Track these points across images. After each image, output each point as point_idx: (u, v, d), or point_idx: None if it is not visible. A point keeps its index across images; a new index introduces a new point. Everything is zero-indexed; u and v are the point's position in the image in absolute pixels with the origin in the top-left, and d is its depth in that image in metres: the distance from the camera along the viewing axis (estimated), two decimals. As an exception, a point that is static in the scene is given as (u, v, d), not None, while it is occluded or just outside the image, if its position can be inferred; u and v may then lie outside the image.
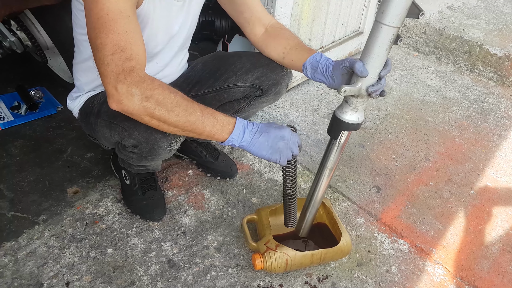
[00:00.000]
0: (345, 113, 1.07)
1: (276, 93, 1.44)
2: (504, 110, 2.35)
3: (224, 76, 1.40)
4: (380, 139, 2.02)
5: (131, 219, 1.50)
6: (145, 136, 1.14)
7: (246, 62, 1.39)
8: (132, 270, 1.34)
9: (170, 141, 1.18)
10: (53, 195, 1.55)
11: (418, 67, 2.72)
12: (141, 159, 1.27)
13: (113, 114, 1.16)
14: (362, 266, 1.42)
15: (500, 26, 2.87)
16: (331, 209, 1.43)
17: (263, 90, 1.40)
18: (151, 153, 1.21)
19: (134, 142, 1.18)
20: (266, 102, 1.48)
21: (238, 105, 1.46)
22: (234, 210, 1.58)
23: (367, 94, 1.01)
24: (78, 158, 1.73)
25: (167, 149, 1.20)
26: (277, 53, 1.32)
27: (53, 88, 2.09)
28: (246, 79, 1.38)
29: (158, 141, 1.16)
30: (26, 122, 1.88)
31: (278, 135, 1.09)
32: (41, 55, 1.91)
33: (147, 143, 1.17)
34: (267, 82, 1.38)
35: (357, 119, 1.07)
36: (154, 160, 1.28)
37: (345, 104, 1.07)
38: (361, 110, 1.07)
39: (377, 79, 1.00)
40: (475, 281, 1.40)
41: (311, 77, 1.21)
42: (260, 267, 1.28)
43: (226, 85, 1.40)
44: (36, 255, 1.35)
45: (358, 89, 1.01)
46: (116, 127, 1.18)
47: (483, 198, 1.74)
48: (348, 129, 1.09)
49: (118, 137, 1.20)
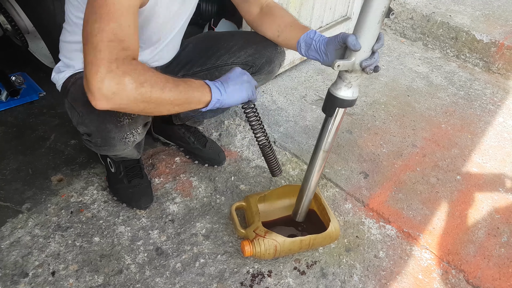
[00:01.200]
0: (339, 89, 1.06)
1: (269, 72, 1.43)
2: (489, 96, 2.36)
3: (216, 54, 1.38)
4: (368, 125, 2.03)
5: (118, 207, 1.47)
6: (96, 125, 1.08)
7: (239, 39, 1.38)
8: (120, 258, 1.32)
9: (124, 132, 1.10)
10: (36, 183, 1.52)
11: (405, 53, 2.72)
12: (99, 148, 1.20)
13: (75, 96, 1.12)
14: (350, 252, 1.43)
15: (486, 12, 2.88)
16: (319, 196, 1.43)
17: (256, 67, 1.38)
18: (104, 143, 1.14)
19: (86, 130, 1.13)
20: (259, 81, 1.46)
21: None
22: (223, 197, 1.57)
23: (361, 69, 1.01)
24: (61, 145, 1.69)
25: (122, 141, 1.12)
26: (272, 32, 1.30)
27: (35, 73, 2.03)
28: (239, 56, 1.37)
29: (110, 131, 1.09)
30: (7, 109, 1.83)
31: (238, 73, 1.10)
32: (21, 39, 1.85)
33: (98, 132, 1.11)
34: (260, 59, 1.37)
35: (351, 95, 1.06)
36: (112, 151, 1.20)
37: (339, 80, 1.06)
38: (355, 86, 1.06)
39: (370, 53, 0.99)
40: (462, 265, 1.42)
41: (305, 54, 1.19)
42: (249, 253, 1.27)
43: (219, 62, 1.38)
44: (20, 244, 1.32)
45: (351, 64, 1.00)
46: (74, 111, 1.13)
47: (469, 184, 1.76)
48: (342, 106, 1.08)
49: (75, 122, 1.16)
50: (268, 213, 1.45)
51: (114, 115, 1.06)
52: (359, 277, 1.36)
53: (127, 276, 1.27)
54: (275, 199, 1.48)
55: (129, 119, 1.08)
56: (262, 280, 1.31)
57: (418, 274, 1.38)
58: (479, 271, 1.41)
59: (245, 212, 1.44)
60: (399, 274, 1.38)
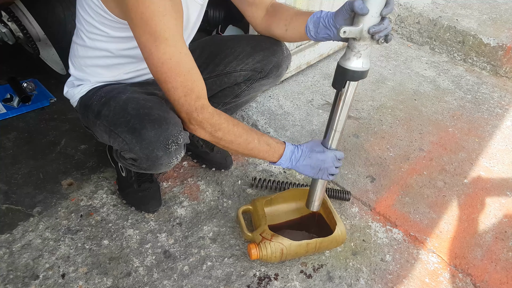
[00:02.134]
0: (348, 60, 1.01)
1: (277, 76, 1.46)
2: (497, 99, 2.36)
3: (225, 61, 1.41)
4: (374, 129, 2.03)
5: (126, 210, 1.50)
6: (147, 153, 1.09)
7: (246, 46, 1.40)
8: (128, 261, 1.34)
9: (171, 158, 1.12)
10: (47, 187, 1.55)
11: (412, 58, 2.72)
12: (140, 169, 1.22)
13: (114, 121, 1.13)
14: (357, 255, 1.44)
15: (493, 16, 2.88)
16: (326, 199, 1.44)
17: (264, 72, 1.41)
18: (150, 168, 1.17)
19: (134, 156, 1.14)
20: (267, 85, 1.50)
21: (238, 89, 1.47)
22: (230, 201, 1.58)
23: (370, 36, 0.97)
24: (72, 150, 1.72)
25: (168, 165, 1.15)
26: (279, 29, 1.30)
27: (46, 80, 2.07)
28: (247, 63, 1.39)
29: (159, 158, 1.10)
30: (19, 115, 1.87)
31: (320, 160, 1.21)
32: (33, 47, 1.89)
33: (147, 159, 1.12)
34: (268, 65, 1.40)
35: (361, 66, 1.01)
36: (153, 171, 1.23)
37: (348, 50, 1.02)
38: (365, 56, 1.01)
39: (379, 19, 0.96)
40: (469, 269, 1.42)
41: (315, 36, 1.17)
42: (255, 257, 1.28)
43: (228, 69, 1.41)
44: (31, 247, 1.34)
45: (359, 31, 0.96)
46: (117, 137, 1.13)
47: (476, 187, 1.75)
48: (353, 79, 1.03)
49: (117, 146, 1.17)
50: (274, 217, 1.46)
51: (164, 143, 1.07)
52: (365, 280, 1.36)
53: (136, 279, 1.29)
54: (282, 203, 1.49)
55: (176, 145, 1.09)
56: (268, 283, 1.32)
57: (425, 278, 1.38)
58: (486, 275, 1.41)
59: (252, 216, 1.46)
60: (405, 277, 1.38)
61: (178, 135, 1.08)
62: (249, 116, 2.00)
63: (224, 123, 1.11)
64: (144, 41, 0.98)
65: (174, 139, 1.08)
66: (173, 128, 1.07)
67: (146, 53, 1.00)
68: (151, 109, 1.10)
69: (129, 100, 1.15)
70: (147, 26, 0.95)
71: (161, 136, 1.06)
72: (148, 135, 1.06)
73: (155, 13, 0.93)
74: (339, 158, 1.23)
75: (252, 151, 1.18)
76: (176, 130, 1.08)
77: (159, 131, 1.06)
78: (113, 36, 1.12)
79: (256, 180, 1.61)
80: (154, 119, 1.07)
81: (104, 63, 1.21)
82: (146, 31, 0.96)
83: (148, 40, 0.97)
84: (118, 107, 1.14)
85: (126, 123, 1.10)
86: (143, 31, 0.96)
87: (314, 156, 1.21)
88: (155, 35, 0.95)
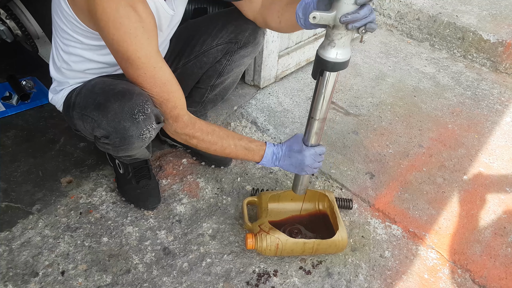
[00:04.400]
0: (322, 48, 0.96)
1: (256, 44, 1.45)
2: (497, 96, 2.35)
3: (200, 41, 1.41)
4: (374, 126, 2.03)
5: (126, 208, 1.50)
6: (114, 125, 1.09)
7: (218, 20, 1.41)
8: (128, 258, 1.34)
9: (140, 129, 1.11)
10: (46, 185, 1.55)
11: (411, 54, 2.71)
12: (117, 149, 1.21)
13: (84, 105, 1.16)
14: (356, 251, 1.44)
15: (493, 12, 2.87)
16: (334, 203, 1.43)
17: (241, 42, 1.41)
18: (122, 142, 1.15)
19: (104, 132, 1.13)
20: (247, 56, 1.48)
21: (220, 66, 1.47)
22: (229, 198, 1.58)
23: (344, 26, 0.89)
24: (71, 148, 1.72)
25: (139, 138, 1.13)
26: (274, 21, 1.27)
27: (45, 78, 2.07)
28: (221, 36, 1.39)
29: (128, 129, 1.10)
30: (18, 113, 1.87)
31: (299, 160, 1.24)
32: (31, 44, 1.89)
33: (116, 132, 1.11)
34: (243, 33, 1.39)
35: (334, 56, 0.94)
36: (129, 150, 1.21)
37: (325, 39, 0.96)
38: (339, 46, 0.93)
39: (355, 7, 0.87)
40: (468, 265, 1.42)
41: (305, 24, 1.10)
42: (251, 247, 1.30)
43: (204, 48, 1.42)
44: (30, 244, 1.35)
45: (332, 17, 0.88)
46: (87, 118, 1.15)
47: (475, 183, 1.75)
48: (326, 68, 0.97)
49: (90, 128, 1.17)
50: (279, 213, 1.46)
51: (129, 113, 1.07)
52: (364, 276, 1.36)
53: (135, 276, 1.29)
54: (289, 200, 1.49)
55: (143, 115, 1.09)
56: (268, 280, 1.32)
57: (424, 274, 1.38)
58: (485, 271, 1.41)
59: (257, 208, 1.47)
60: (404, 273, 1.38)
61: (144, 104, 1.08)
62: (248, 113, 2.00)
63: (197, 132, 1.19)
64: (119, 59, 1.03)
65: (140, 109, 1.08)
66: (137, 97, 1.07)
67: (122, 68, 1.06)
68: (116, 85, 1.12)
69: (97, 83, 1.18)
70: (119, 46, 0.99)
71: (126, 106, 1.07)
72: (112, 107, 1.08)
73: (126, 35, 0.97)
74: (320, 153, 1.25)
75: (230, 155, 1.27)
76: (141, 99, 1.07)
77: (122, 101, 1.07)
78: (87, 44, 1.14)
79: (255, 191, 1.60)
80: (118, 92, 1.09)
81: (80, 68, 1.23)
82: (119, 51, 1.00)
83: (122, 58, 1.02)
84: (87, 92, 1.18)
85: (92, 102, 1.13)
86: (115, 51, 1.01)
87: (293, 155, 1.25)
88: (127, 54, 1.00)
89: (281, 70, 2.22)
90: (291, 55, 2.21)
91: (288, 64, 2.24)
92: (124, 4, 0.96)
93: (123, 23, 0.96)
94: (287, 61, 2.22)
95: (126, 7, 0.96)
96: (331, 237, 1.32)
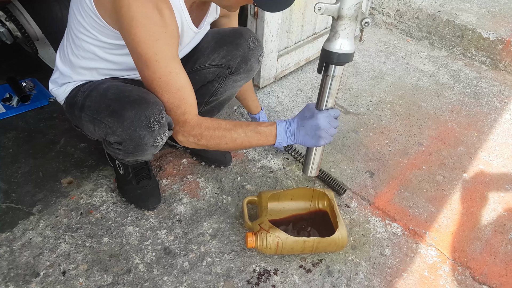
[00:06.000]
0: (327, 40, 0.98)
1: (248, 70, 1.42)
2: (496, 93, 2.35)
3: (193, 58, 1.40)
4: (374, 124, 2.03)
5: (126, 208, 1.50)
6: (129, 133, 1.10)
7: (211, 41, 1.39)
8: (128, 258, 1.34)
9: (155, 137, 1.12)
10: (47, 186, 1.55)
11: (411, 53, 2.72)
12: (128, 155, 1.22)
13: (96, 109, 1.15)
14: (356, 250, 1.44)
15: (492, 10, 2.87)
16: (334, 202, 1.43)
17: (232, 68, 1.39)
18: (136, 149, 1.16)
19: (118, 139, 1.14)
20: (240, 80, 1.46)
21: (212, 87, 1.45)
22: (229, 198, 1.58)
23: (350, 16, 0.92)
24: (71, 148, 1.72)
25: (153, 145, 1.15)
26: None
27: (45, 79, 2.03)
28: (213, 59, 1.38)
29: (143, 138, 1.11)
30: (18, 114, 1.87)
31: (313, 126, 1.13)
32: (31, 46, 1.89)
33: (131, 140, 1.12)
34: (234, 60, 1.37)
35: (339, 48, 0.97)
36: (141, 156, 1.23)
37: (329, 33, 0.98)
38: (343, 37, 0.96)
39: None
40: (468, 262, 1.42)
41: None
42: (251, 245, 1.30)
43: (197, 67, 1.41)
44: (31, 245, 1.35)
45: (336, 8, 0.92)
46: (100, 123, 1.15)
47: (475, 181, 1.76)
48: (330, 60, 0.99)
49: (102, 133, 1.18)
50: (279, 212, 1.47)
51: (145, 122, 1.08)
52: (364, 274, 1.36)
53: (136, 275, 1.30)
54: (289, 199, 1.49)
55: (158, 124, 1.10)
56: (268, 278, 1.32)
57: (424, 271, 1.39)
58: (485, 268, 1.41)
59: (257, 207, 1.47)
60: (405, 271, 1.38)
61: (159, 114, 1.09)
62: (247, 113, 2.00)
63: (205, 131, 1.14)
64: (136, 59, 1.03)
65: (155, 118, 1.08)
66: (153, 107, 1.08)
67: (138, 69, 1.05)
68: (131, 92, 1.12)
69: (109, 88, 1.17)
70: (138, 47, 0.99)
71: (142, 115, 1.07)
72: (129, 115, 1.08)
73: (148, 37, 0.97)
74: (335, 116, 1.15)
75: (243, 144, 1.18)
76: (156, 108, 1.08)
77: (139, 110, 1.07)
78: (102, 41, 1.13)
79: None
80: (134, 100, 1.09)
81: (87, 65, 1.21)
82: (138, 52, 1.00)
83: (139, 59, 1.02)
84: (99, 96, 1.17)
85: (106, 108, 1.13)
86: (134, 51, 1.01)
87: (307, 123, 1.14)
88: (146, 57, 1.00)
89: (280, 70, 2.22)
90: (290, 54, 2.21)
91: (287, 63, 2.25)
92: (151, 6, 0.96)
93: (146, 24, 0.96)
94: (286, 60, 2.22)
95: (152, 9, 0.96)
96: (331, 236, 1.32)
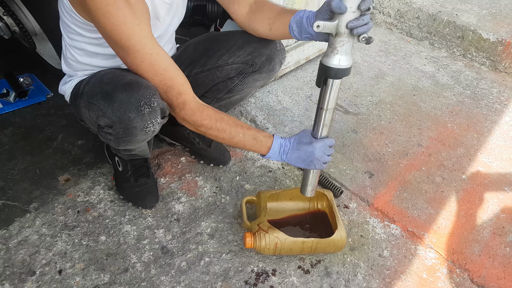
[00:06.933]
0: (325, 56, 1.01)
1: (270, 70, 1.43)
2: (496, 95, 2.35)
3: (217, 54, 1.40)
4: (373, 125, 2.02)
5: (124, 206, 1.49)
6: (119, 115, 1.09)
7: (239, 38, 1.39)
8: (125, 257, 1.33)
9: (145, 122, 1.10)
10: (44, 183, 1.54)
11: (411, 53, 2.71)
12: (119, 141, 1.19)
13: (92, 93, 1.16)
14: (355, 251, 1.43)
15: (493, 11, 2.87)
16: (333, 202, 1.43)
17: (256, 66, 1.39)
18: (125, 133, 1.14)
19: (108, 122, 1.13)
20: (260, 80, 1.47)
21: (231, 83, 1.45)
22: (228, 197, 1.58)
23: (347, 32, 0.95)
24: (69, 145, 1.71)
25: (143, 130, 1.12)
26: (263, 26, 1.29)
27: (43, 75, 2.06)
28: (238, 55, 1.38)
29: (132, 120, 1.09)
30: (15, 110, 1.85)
31: (308, 152, 1.19)
32: (29, 41, 1.87)
33: (120, 122, 1.10)
34: (260, 57, 1.37)
35: (337, 63, 1.00)
36: (131, 142, 1.20)
37: (328, 47, 1.01)
38: (342, 53, 0.99)
39: (357, 13, 0.94)
40: (466, 264, 1.42)
41: (299, 36, 1.17)
42: (249, 245, 1.29)
43: (219, 62, 1.40)
44: (27, 243, 1.34)
45: (334, 26, 0.95)
46: (93, 106, 1.15)
47: (474, 183, 1.75)
48: (329, 75, 1.02)
49: (94, 116, 1.17)
50: (278, 212, 1.46)
51: (135, 104, 1.07)
52: (363, 276, 1.36)
53: (133, 275, 1.29)
54: (288, 199, 1.49)
55: (149, 108, 1.09)
56: (266, 279, 1.32)
57: (422, 273, 1.38)
58: (484, 270, 1.41)
59: (256, 207, 1.46)
60: (403, 273, 1.38)
61: (150, 98, 1.08)
62: (247, 112, 1.99)
63: (206, 119, 1.15)
64: (114, 49, 1.04)
65: (146, 101, 1.07)
66: (145, 90, 1.07)
67: (120, 58, 1.05)
68: (125, 76, 1.12)
69: (106, 73, 1.18)
70: (111, 35, 0.99)
71: (132, 98, 1.07)
72: (119, 96, 1.08)
73: (116, 23, 0.97)
74: (330, 145, 1.21)
75: (238, 144, 1.22)
76: (148, 92, 1.07)
77: (130, 92, 1.07)
78: (87, 37, 1.15)
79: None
80: (126, 83, 1.09)
81: (85, 61, 1.24)
82: (112, 40, 1.00)
83: (117, 48, 1.02)
84: (97, 82, 1.17)
85: (100, 91, 1.13)
86: (110, 40, 1.02)
87: (302, 148, 1.20)
88: (121, 43, 1.00)
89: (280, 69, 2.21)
90: (290, 53, 2.20)
91: (287, 62, 2.23)
92: None
93: (110, 11, 0.95)
94: (286, 59, 2.20)
95: None
96: (330, 236, 1.31)
